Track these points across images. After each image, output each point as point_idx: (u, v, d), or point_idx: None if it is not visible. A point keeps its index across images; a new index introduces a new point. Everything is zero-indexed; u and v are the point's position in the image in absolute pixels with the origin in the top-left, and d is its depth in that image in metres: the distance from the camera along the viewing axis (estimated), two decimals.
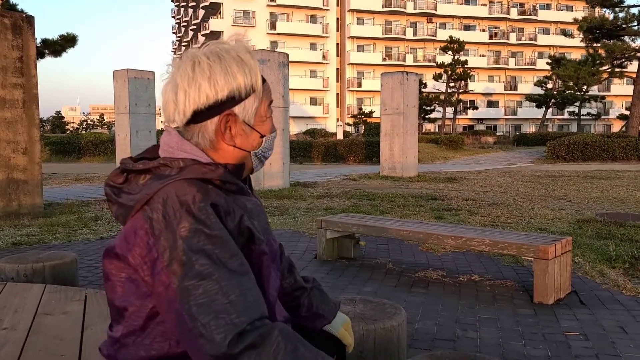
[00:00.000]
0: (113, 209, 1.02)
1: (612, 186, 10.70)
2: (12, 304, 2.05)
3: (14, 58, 6.75)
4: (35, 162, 6.99)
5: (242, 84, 1.01)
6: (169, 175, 0.97)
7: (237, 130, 1.03)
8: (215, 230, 0.91)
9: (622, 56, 24.25)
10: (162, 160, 0.99)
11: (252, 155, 1.06)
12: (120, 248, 0.97)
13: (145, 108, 13.92)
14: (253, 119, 1.04)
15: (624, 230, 5.41)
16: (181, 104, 1.01)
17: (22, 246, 5.00)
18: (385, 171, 13.79)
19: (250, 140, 1.05)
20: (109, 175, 1.05)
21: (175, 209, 0.91)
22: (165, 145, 1.04)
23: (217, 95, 0.99)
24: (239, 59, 1.01)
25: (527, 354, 2.43)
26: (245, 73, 1.01)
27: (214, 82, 0.99)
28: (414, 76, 13.92)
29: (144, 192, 0.96)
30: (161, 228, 0.91)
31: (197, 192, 0.93)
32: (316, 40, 51.72)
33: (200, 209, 0.92)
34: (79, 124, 76.11)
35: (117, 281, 0.99)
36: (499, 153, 26.84)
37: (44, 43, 15.07)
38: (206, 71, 0.99)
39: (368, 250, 4.71)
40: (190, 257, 0.88)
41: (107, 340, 1.05)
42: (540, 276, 3.09)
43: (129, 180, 1.02)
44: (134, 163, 1.02)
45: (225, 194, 1.00)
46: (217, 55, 1.01)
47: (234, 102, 1.01)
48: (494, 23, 55.45)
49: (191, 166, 0.98)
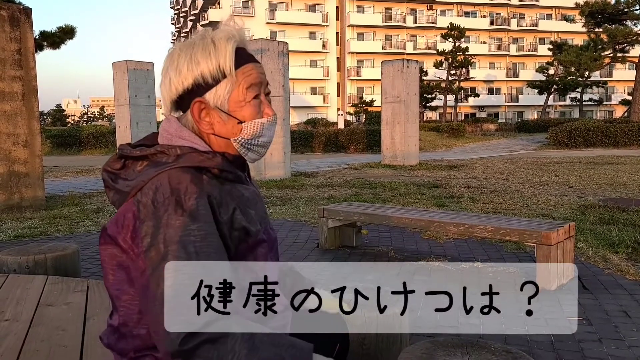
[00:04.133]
0: (110, 195, 1.02)
1: (614, 172, 10.66)
2: (14, 295, 2.05)
3: (12, 50, 6.71)
4: (36, 155, 6.98)
5: (206, 70, 0.98)
6: (165, 162, 0.96)
7: (213, 118, 1.01)
8: (201, 223, 0.90)
9: (625, 41, 24.04)
10: (160, 148, 0.98)
11: (233, 142, 1.02)
12: (111, 229, 0.97)
13: (145, 99, 13.87)
14: (227, 104, 1.00)
15: (626, 216, 5.39)
16: (162, 96, 1.03)
17: (25, 239, 5.01)
18: (387, 160, 13.75)
19: (229, 126, 1.01)
20: (107, 161, 1.04)
21: (165, 197, 0.90)
22: (164, 132, 1.02)
23: (183, 84, 0.99)
24: (210, 44, 0.99)
25: (530, 339, 2.43)
26: (209, 58, 0.98)
27: (179, 72, 0.99)
28: (414, 64, 13.82)
29: (140, 179, 0.95)
30: (147, 213, 0.90)
31: (191, 182, 0.92)
32: (316, 29, 51.35)
33: (191, 200, 0.90)
34: (80, 116, 75.99)
35: (109, 268, 0.99)
36: (501, 140, 26.75)
37: (42, 35, 14.99)
38: (174, 61, 1.00)
39: (370, 239, 4.71)
40: (168, 246, 0.87)
41: (107, 329, 1.05)
42: (543, 262, 3.08)
43: (126, 167, 1.01)
44: (131, 149, 1.01)
45: (222, 183, 0.98)
46: (190, 43, 1.00)
47: (202, 89, 0.99)
48: (495, 9, 54.92)
49: (188, 154, 0.97)
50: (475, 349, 1.31)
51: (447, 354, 1.28)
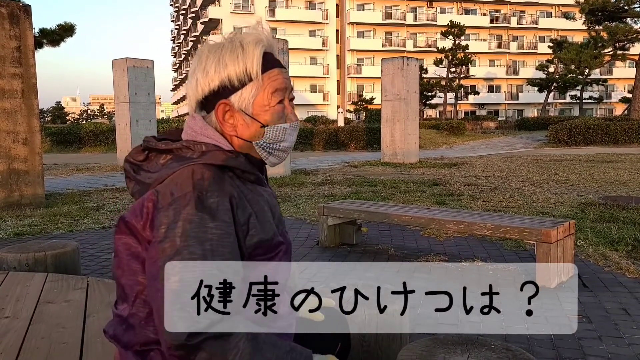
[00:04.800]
0: (130, 186, 1.03)
1: (614, 169, 10.66)
2: (14, 292, 2.05)
3: (11, 48, 6.70)
4: (35, 153, 6.98)
5: (233, 73, 0.99)
6: (190, 157, 0.97)
7: (237, 120, 1.02)
8: (218, 221, 0.90)
9: (625, 38, 24.02)
10: (185, 143, 0.99)
11: (255, 145, 1.03)
12: (129, 216, 0.97)
13: (145, 97, 13.84)
14: (251, 107, 1.01)
15: (626, 213, 5.39)
16: (188, 97, 1.05)
17: (24, 236, 5.01)
18: (387, 158, 13.75)
19: (252, 129, 1.02)
20: (130, 152, 1.05)
21: (186, 191, 0.91)
22: (189, 129, 1.03)
23: (209, 85, 1.00)
24: (238, 47, 1.00)
25: (530, 337, 2.44)
26: (237, 61, 0.99)
27: (206, 73, 1.00)
28: (414, 62, 13.80)
29: (163, 172, 0.96)
30: (165, 204, 0.91)
31: (213, 179, 0.93)
32: (316, 27, 51.26)
33: (212, 197, 0.91)
34: (80, 114, 75.98)
35: (124, 258, 0.99)
36: (501, 138, 26.74)
37: (42, 33, 14.96)
38: (202, 62, 1.01)
39: (370, 237, 4.71)
40: (185, 241, 0.87)
41: (114, 319, 1.04)
42: (543, 259, 3.08)
43: (149, 159, 1.02)
44: (156, 142, 1.02)
45: (243, 183, 0.99)
46: (219, 45, 1.01)
47: (228, 91, 1.00)
48: (495, 7, 54.83)
49: (213, 152, 0.98)
50: (475, 346, 1.31)
51: (447, 352, 1.28)
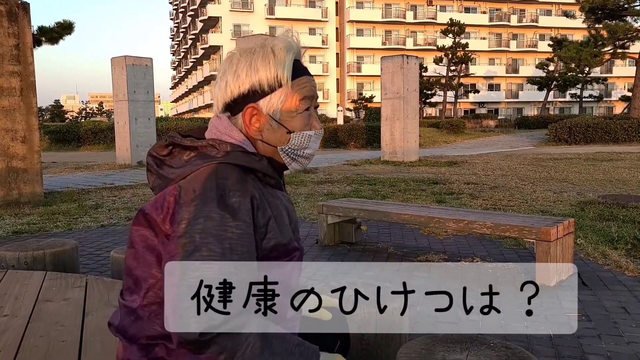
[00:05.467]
0: (151, 180, 1.04)
1: (614, 168, 10.66)
2: (13, 291, 2.04)
3: (10, 46, 6.68)
4: (34, 151, 6.97)
5: (264, 78, 1.00)
6: (214, 156, 0.98)
7: (263, 125, 1.03)
8: (239, 220, 0.91)
9: (625, 37, 24.01)
10: (211, 142, 1.00)
11: (279, 151, 1.04)
12: (149, 208, 0.98)
13: (144, 95, 13.83)
14: (279, 113, 1.02)
15: (626, 212, 5.39)
16: (215, 97, 1.06)
17: (23, 235, 5.01)
18: (386, 156, 13.74)
19: (278, 135, 1.03)
20: (153, 146, 1.06)
21: (209, 189, 0.91)
22: (214, 128, 1.04)
23: (239, 88, 1.01)
24: (270, 53, 1.01)
25: (530, 335, 2.43)
26: (269, 67, 1.00)
27: (237, 76, 1.01)
28: (414, 60, 13.79)
29: (187, 168, 0.97)
30: (187, 199, 0.92)
31: (237, 179, 0.94)
32: (315, 25, 51.21)
33: (234, 197, 0.92)
34: (78, 112, 75.92)
35: (140, 250, 1.00)
36: (501, 136, 26.74)
37: (40, 30, 14.94)
38: (233, 65, 1.02)
39: (369, 235, 4.71)
40: (204, 238, 0.88)
41: (121, 310, 1.04)
42: (542, 258, 3.08)
43: (172, 154, 1.03)
44: (182, 138, 1.03)
45: (263, 186, 1.00)
46: (250, 50, 1.03)
47: (257, 95, 1.01)
48: (495, 5, 54.78)
49: (237, 152, 0.99)
50: (474, 344, 1.31)
51: (446, 350, 1.28)
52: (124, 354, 1.01)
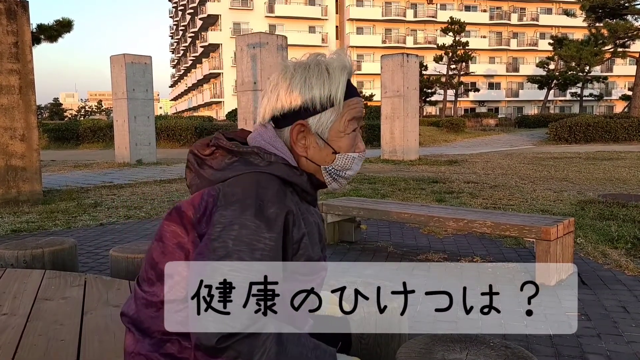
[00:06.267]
0: (189, 177, 1.03)
1: (614, 167, 10.66)
2: (12, 289, 2.04)
3: (9, 43, 6.67)
4: (33, 149, 6.96)
5: (317, 96, 1.00)
6: (257, 164, 0.97)
7: (309, 142, 1.02)
8: (273, 233, 0.90)
9: (625, 36, 23.99)
10: (256, 149, 0.99)
11: (322, 170, 1.04)
12: (185, 206, 0.98)
13: (143, 93, 13.81)
14: (327, 132, 1.02)
15: (626, 211, 5.39)
16: (263, 107, 1.04)
17: (22, 233, 5.00)
18: (386, 155, 13.74)
19: (323, 154, 1.03)
20: (195, 144, 1.06)
21: (249, 197, 0.91)
22: (258, 136, 1.04)
23: (290, 104, 1.00)
24: (324, 72, 1.01)
25: (529, 334, 2.43)
26: (323, 86, 1.00)
27: (290, 91, 1.00)
28: (414, 58, 13.77)
29: (228, 172, 0.97)
30: (225, 203, 0.91)
31: (277, 192, 0.93)
32: (315, 23, 51.15)
33: (272, 208, 0.91)
34: (77, 110, 75.84)
35: (169, 245, 0.99)
36: (501, 135, 26.74)
37: (39, 28, 14.91)
38: (287, 80, 1.01)
39: (369, 234, 4.70)
40: (237, 245, 0.88)
41: (139, 301, 1.03)
42: (542, 257, 3.08)
43: (214, 155, 1.02)
44: (227, 141, 1.02)
45: (300, 201, 1.00)
46: (305, 65, 1.02)
47: (308, 113, 1.01)
48: (495, 3, 54.73)
49: (280, 164, 0.98)
50: (474, 344, 1.30)
51: (445, 349, 1.27)
52: (135, 347, 1.00)
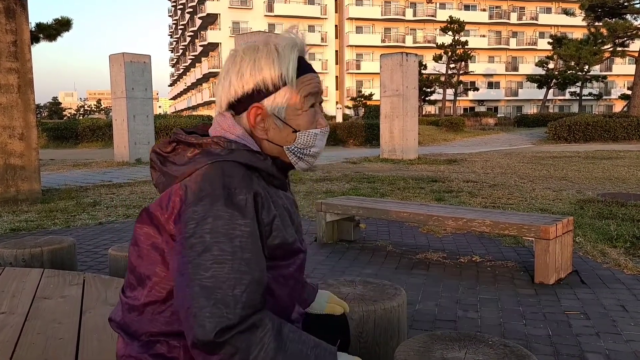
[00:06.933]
0: (154, 176, 1.03)
1: (613, 166, 10.67)
2: (10, 288, 2.04)
3: (7, 42, 6.66)
4: (32, 148, 6.95)
5: (268, 77, 0.99)
6: (218, 154, 0.97)
7: (268, 124, 1.02)
8: (247, 219, 0.90)
9: (624, 35, 24.00)
10: (216, 139, 0.99)
11: (285, 150, 1.03)
12: (154, 208, 0.97)
13: (142, 92, 13.80)
14: (284, 112, 1.01)
15: (625, 210, 5.40)
16: (218, 96, 1.04)
17: (21, 232, 5.00)
18: (386, 154, 13.74)
19: (284, 134, 1.02)
20: (157, 143, 1.08)
21: (216, 188, 0.90)
22: (218, 126, 1.03)
23: (243, 88, 1.00)
24: (273, 51, 0.99)
25: (528, 333, 2.43)
26: (273, 65, 0.99)
27: (241, 75, 1.00)
28: (413, 57, 13.77)
29: (191, 166, 0.96)
30: (194, 199, 0.90)
31: (243, 177, 0.93)
32: (314, 22, 51.13)
33: (241, 195, 0.91)
34: (76, 109, 75.76)
35: (144, 248, 0.99)
36: (500, 134, 26.74)
37: (38, 27, 14.90)
38: (237, 64, 1.01)
39: (368, 233, 4.70)
40: (213, 237, 0.87)
41: (123, 307, 1.03)
42: (541, 256, 3.08)
43: (176, 151, 1.02)
44: (186, 135, 1.02)
45: (267, 186, 0.99)
46: (254, 48, 1.01)
47: (262, 95, 1.00)
48: (495, 2, 54.74)
49: (242, 151, 0.98)
50: (472, 342, 1.30)
51: (444, 348, 1.27)
52: (125, 350, 1.01)
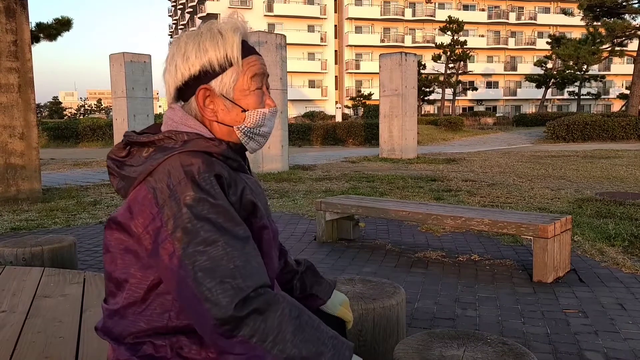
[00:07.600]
0: (114, 182, 1.02)
1: (611, 165, 10.69)
2: (11, 287, 2.04)
3: (8, 42, 6.66)
4: (32, 147, 6.95)
5: (214, 58, 1.00)
6: (172, 147, 0.97)
7: (217, 105, 1.03)
8: (219, 199, 0.91)
9: (623, 34, 24.00)
10: (167, 134, 1.00)
11: (236, 130, 1.04)
12: (123, 217, 0.96)
13: (142, 92, 13.80)
14: (232, 92, 1.02)
15: (623, 209, 5.41)
16: (166, 83, 1.04)
17: (21, 231, 5.00)
18: (385, 153, 13.75)
19: (233, 114, 1.03)
20: (111, 149, 1.05)
21: (179, 179, 0.91)
22: (169, 120, 1.04)
23: (189, 70, 1.01)
24: (217, 34, 1.01)
25: (526, 331, 2.44)
26: (217, 47, 1.00)
27: (186, 58, 1.00)
28: (412, 57, 13.78)
29: (148, 164, 0.96)
30: (165, 197, 0.91)
31: (202, 162, 0.94)
32: (314, 22, 51.09)
33: (205, 178, 0.92)
34: (77, 109, 75.65)
35: (117, 253, 0.99)
36: (499, 134, 26.75)
37: (38, 27, 14.88)
38: (182, 48, 1.01)
39: (367, 232, 4.71)
40: (196, 224, 0.88)
41: (105, 314, 1.04)
42: (540, 255, 3.09)
43: (131, 154, 1.02)
44: (137, 136, 1.02)
45: (229, 170, 1.00)
46: (197, 32, 1.02)
47: (209, 76, 1.01)
48: (493, 2, 54.72)
49: (195, 140, 0.98)
50: (471, 340, 1.31)
51: (443, 345, 1.28)
52: (114, 355, 1.01)
